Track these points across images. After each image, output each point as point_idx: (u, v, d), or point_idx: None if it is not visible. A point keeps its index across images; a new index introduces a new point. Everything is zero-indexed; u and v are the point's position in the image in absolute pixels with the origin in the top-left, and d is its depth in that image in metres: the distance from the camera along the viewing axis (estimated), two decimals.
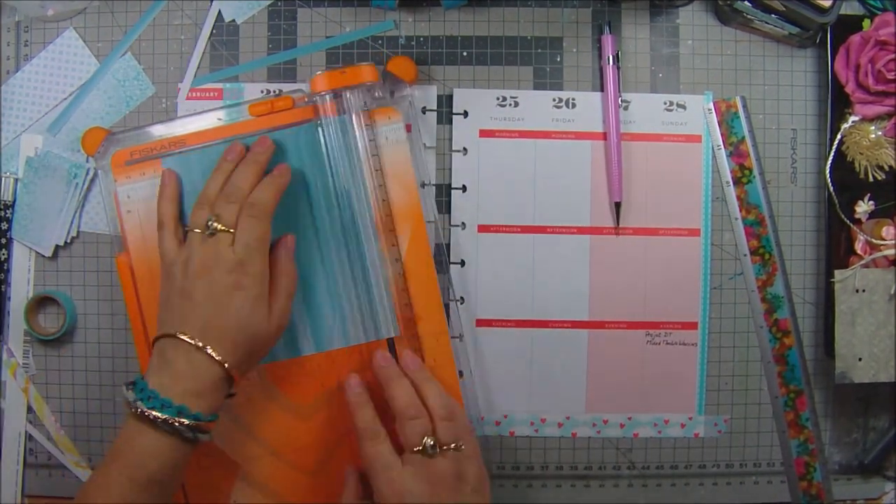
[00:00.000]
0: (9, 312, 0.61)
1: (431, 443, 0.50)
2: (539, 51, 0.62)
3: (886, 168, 0.59)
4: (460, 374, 0.59)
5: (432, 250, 0.59)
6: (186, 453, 0.48)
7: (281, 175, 0.54)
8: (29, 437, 0.61)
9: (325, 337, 0.58)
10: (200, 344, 0.47)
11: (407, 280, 0.58)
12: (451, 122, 0.61)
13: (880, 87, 0.57)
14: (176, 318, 0.49)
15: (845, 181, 0.60)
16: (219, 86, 0.61)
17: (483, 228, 0.61)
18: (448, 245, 0.61)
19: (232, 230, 0.51)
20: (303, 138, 0.58)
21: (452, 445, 0.51)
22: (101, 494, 0.46)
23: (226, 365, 0.48)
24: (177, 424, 0.46)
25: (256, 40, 0.61)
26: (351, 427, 0.58)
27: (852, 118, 0.59)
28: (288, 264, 0.54)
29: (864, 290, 0.59)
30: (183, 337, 0.48)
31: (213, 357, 0.48)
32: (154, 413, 0.46)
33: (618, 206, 0.61)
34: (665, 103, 0.62)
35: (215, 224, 0.51)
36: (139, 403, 0.46)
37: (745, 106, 0.61)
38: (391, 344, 0.58)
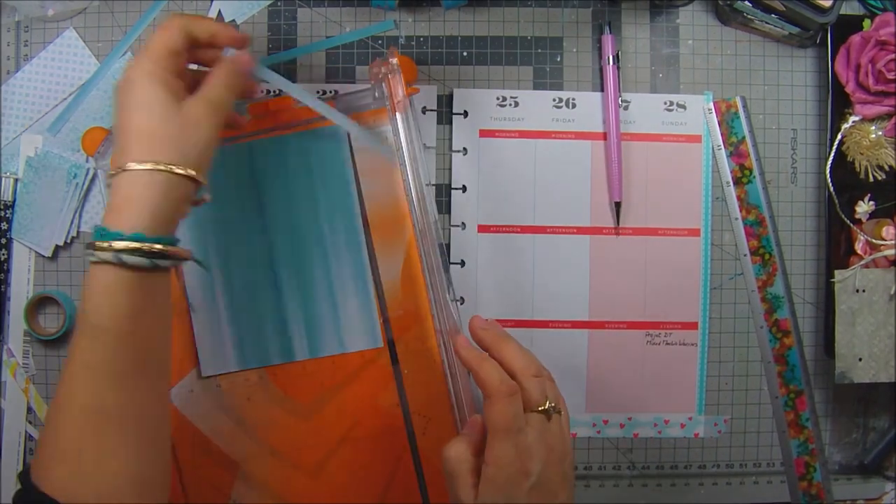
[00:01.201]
0: (9, 312, 0.61)
1: (553, 403, 0.46)
2: (539, 51, 0.62)
3: (886, 168, 0.59)
4: (460, 374, 0.59)
5: (437, 250, 0.59)
6: (144, 292, 0.43)
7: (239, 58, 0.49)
8: (29, 437, 0.61)
9: (326, 340, 0.58)
10: (160, 166, 0.43)
11: (402, 285, 0.58)
12: (451, 122, 0.61)
13: (880, 87, 0.57)
14: (115, 148, 0.44)
15: (845, 181, 0.60)
16: None
17: (483, 228, 0.61)
18: (448, 245, 0.61)
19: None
20: (303, 139, 0.58)
21: (562, 412, 0.47)
22: (66, 354, 0.43)
23: (174, 168, 0.43)
24: (131, 251, 0.41)
25: (256, 40, 0.61)
26: (351, 427, 0.58)
27: (852, 118, 0.59)
28: (222, 76, 0.47)
29: (864, 290, 0.59)
30: (133, 166, 0.43)
31: (160, 170, 0.43)
32: (101, 244, 0.41)
33: (618, 206, 0.61)
34: (665, 103, 0.62)
35: None
36: (93, 245, 0.42)
37: (745, 106, 0.61)
38: (391, 345, 0.58)
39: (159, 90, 0.44)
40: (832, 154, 0.60)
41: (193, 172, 0.44)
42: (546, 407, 0.46)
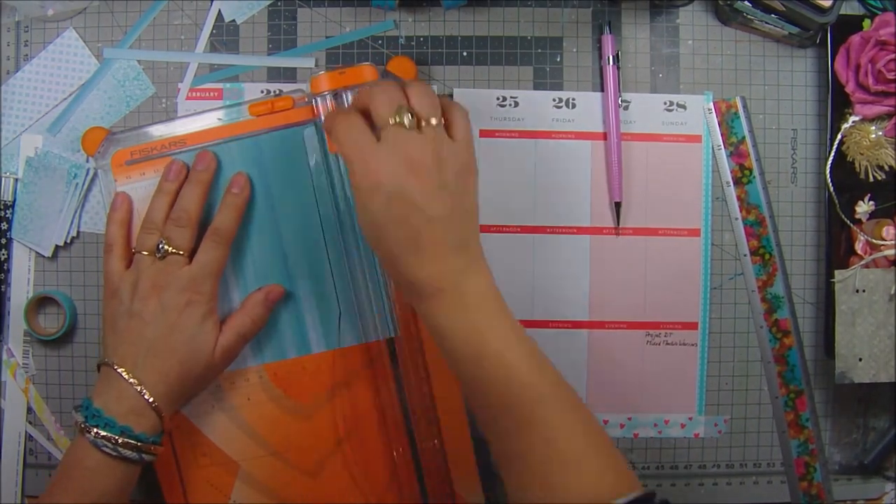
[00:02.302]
0: (9, 312, 0.61)
1: (408, 116, 0.44)
2: (539, 51, 0.62)
3: (887, 168, 0.59)
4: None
5: None
6: (133, 473, 0.49)
7: (240, 192, 0.55)
8: (29, 437, 0.61)
9: (325, 337, 0.58)
10: (134, 381, 0.49)
11: None
12: None
13: (880, 87, 0.57)
14: (119, 342, 0.50)
15: (845, 181, 0.60)
16: (219, 86, 0.61)
17: (483, 228, 0.61)
18: None
19: (182, 252, 0.52)
20: (303, 138, 0.58)
21: (433, 121, 0.44)
22: None
23: (155, 404, 0.49)
24: (120, 444, 0.47)
25: (256, 40, 0.61)
26: (351, 426, 0.58)
27: (852, 118, 0.59)
28: (259, 310, 0.55)
29: (864, 291, 0.59)
30: (120, 371, 0.49)
31: (144, 396, 0.49)
32: (98, 430, 0.47)
33: (618, 206, 0.61)
34: (665, 103, 0.62)
35: (166, 247, 0.52)
36: (85, 423, 0.47)
37: (745, 106, 0.61)
38: (391, 344, 0.58)
39: (212, 341, 0.53)
40: (832, 154, 0.60)
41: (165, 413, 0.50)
42: (396, 118, 0.44)
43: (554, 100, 0.61)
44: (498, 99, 0.61)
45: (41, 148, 0.61)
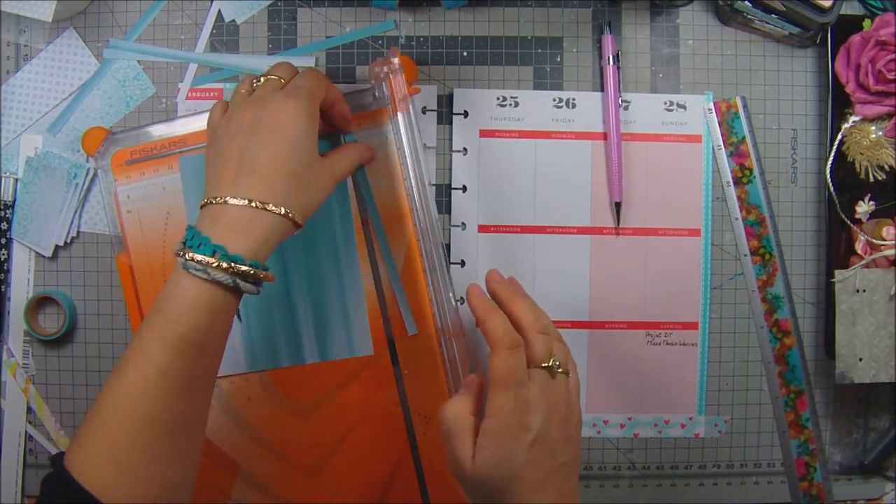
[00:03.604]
0: (9, 312, 0.61)
1: (557, 361, 0.46)
2: (539, 51, 0.62)
3: (887, 168, 0.59)
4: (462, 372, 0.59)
5: (438, 250, 0.59)
6: (227, 308, 0.44)
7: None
8: (29, 437, 0.61)
9: (328, 347, 0.58)
10: (258, 203, 0.44)
11: (402, 284, 0.58)
12: (451, 122, 0.61)
13: (880, 87, 0.57)
14: (228, 175, 0.45)
15: (846, 181, 0.60)
16: (219, 86, 0.61)
17: (483, 228, 0.61)
18: (448, 245, 0.61)
19: (282, 79, 0.49)
20: None
21: (562, 370, 0.46)
22: (133, 355, 0.42)
23: (289, 214, 0.45)
24: (213, 266, 0.42)
25: (256, 40, 0.61)
26: (351, 427, 0.58)
27: (853, 118, 0.59)
28: (361, 151, 0.55)
29: (864, 291, 0.59)
30: (234, 201, 0.44)
31: (273, 211, 0.44)
32: (191, 253, 0.42)
33: (618, 206, 0.61)
34: (665, 103, 0.62)
35: (262, 78, 0.49)
36: (182, 247, 0.43)
37: (745, 106, 0.61)
38: (391, 344, 0.58)
39: (314, 138, 0.47)
40: (832, 154, 0.60)
41: (302, 223, 0.46)
42: (550, 364, 0.45)
43: (554, 100, 0.61)
44: (498, 99, 0.61)
45: (41, 148, 0.61)
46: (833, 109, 0.60)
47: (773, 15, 0.59)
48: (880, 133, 0.59)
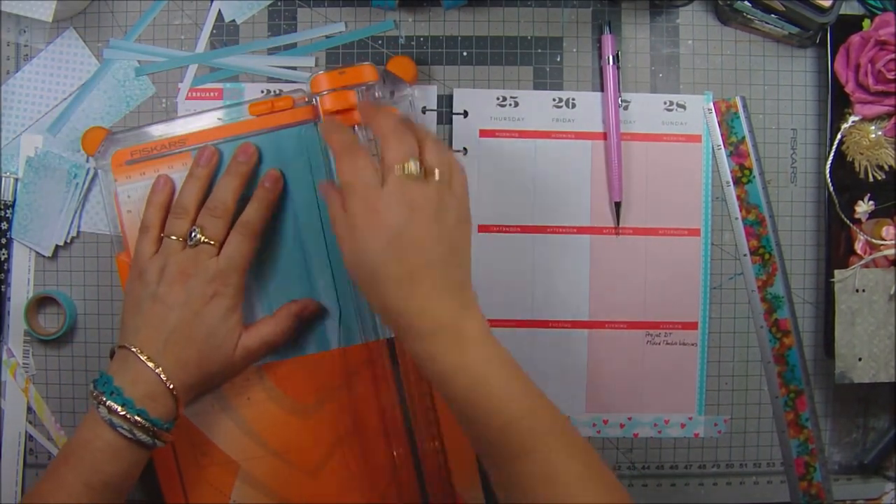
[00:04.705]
0: (9, 312, 0.61)
1: (416, 165, 0.46)
2: (539, 51, 0.62)
3: (886, 168, 0.59)
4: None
5: None
6: (141, 461, 0.48)
7: (272, 187, 0.55)
8: (29, 437, 0.61)
9: (326, 336, 0.58)
10: (152, 365, 0.48)
11: None
12: (451, 122, 0.61)
13: (880, 87, 0.57)
14: (141, 325, 0.50)
15: (845, 181, 0.60)
16: (219, 86, 0.61)
17: (483, 228, 0.61)
18: None
19: (214, 243, 0.52)
20: (303, 138, 0.58)
21: (437, 174, 0.47)
22: (53, 497, 0.46)
23: (174, 391, 0.48)
24: (136, 426, 0.46)
25: (256, 40, 0.61)
26: (351, 427, 0.58)
27: (852, 118, 0.59)
28: (289, 322, 0.55)
29: (864, 290, 0.59)
30: (140, 355, 0.48)
31: (162, 380, 0.48)
32: (115, 407, 0.46)
33: (618, 206, 0.61)
34: (665, 103, 0.62)
35: (199, 236, 0.51)
36: (103, 399, 0.47)
37: (745, 106, 0.61)
38: (391, 344, 0.58)
39: (235, 334, 0.52)
40: (832, 154, 0.60)
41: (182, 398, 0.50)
42: (404, 167, 0.46)
43: (554, 100, 0.61)
44: (498, 99, 0.61)
45: (41, 148, 0.61)
46: (833, 109, 0.60)
47: (772, 15, 0.59)
48: (880, 133, 0.59)
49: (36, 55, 0.61)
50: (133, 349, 0.48)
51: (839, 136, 0.60)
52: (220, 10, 0.61)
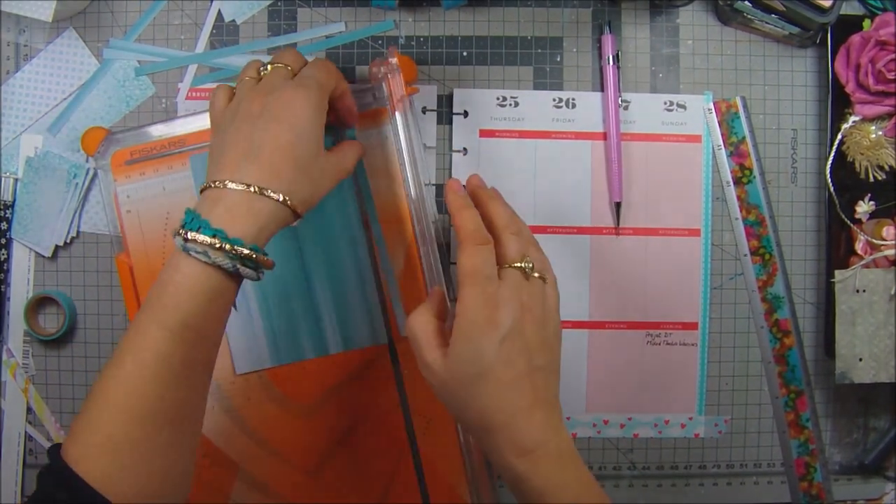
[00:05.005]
0: (9, 312, 0.61)
1: (531, 264, 0.45)
2: (539, 51, 0.62)
3: (887, 168, 0.59)
4: None
5: (437, 250, 0.59)
6: (226, 294, 0.43)
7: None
8: (29, 438, 0.61)
9: (327, 341, 0.58)
10: (257, 189, 0.43)
11: (401, 285, 0.58)
12: (451, 122, 0.61)
13: (880, 87, 0.57)
14: (231, 160, 0.44)
15: (846, 181, 0.60)
16: None
17: None
18: (448, 245, 0.61)
19: (289, 67, 0.48)
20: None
21: (538, 275, 0.45)
22: (130, 343, 0.41)
23: (288, 201, 0.44)
24: (211, 247, 0.41)
25: (256, 40, 0.61)
26: (351, 427, 0.58)
27: (852, 118, 0.59)
28: (357, 146, 0.52)
29: (864, 291, 0.59)
30: (233, 186, 0.43)
31: (272, 198, 0.43)
32: (190, 233, 0.41)
33: (618, 206, 0.61)
34: (665, 103, 0.62)
35: (269, 66, 0.48)
36: (181, 229, 0.42)
37: (745, 106, 0.61)
38: (391, 345, 0.58)
39: (321, 131, 0.46)
40: (832, 154, 0.60)
41: (302, 213, 0.45)
42: (522, 265, 0.45)
43: (554, 100, 0.61)
44: (498, 99, 0.61)
45: (41, 148, 0.61)
46: (833, 109, 0.60)
47: (773, 15, 0.59)
48: (880, 133, 0.59)
49: (36, 55, 0.61)
50: (229, 184, 0.43)
51: (839, 137, 0.60)
52: (220, 10, 0.61)
